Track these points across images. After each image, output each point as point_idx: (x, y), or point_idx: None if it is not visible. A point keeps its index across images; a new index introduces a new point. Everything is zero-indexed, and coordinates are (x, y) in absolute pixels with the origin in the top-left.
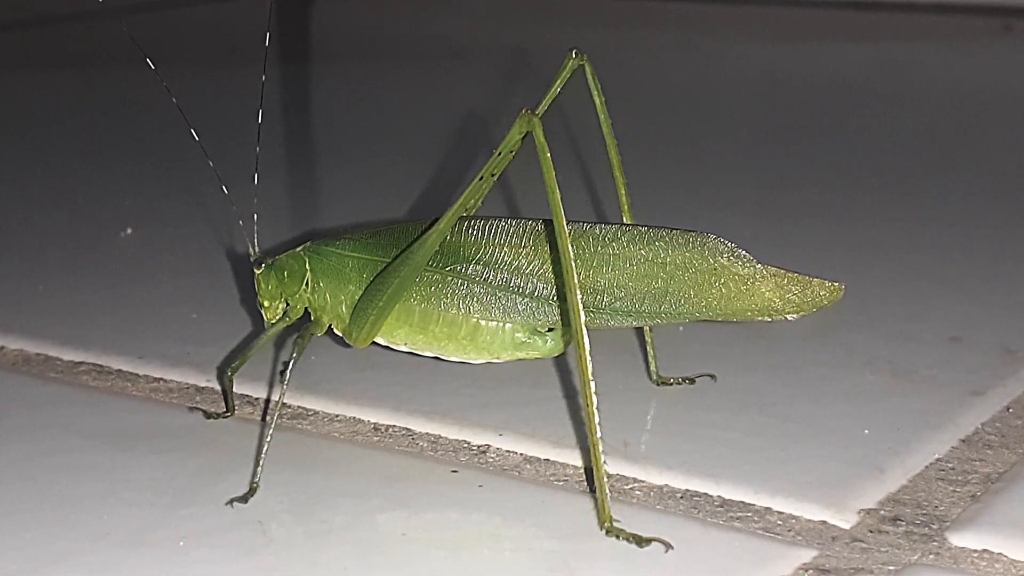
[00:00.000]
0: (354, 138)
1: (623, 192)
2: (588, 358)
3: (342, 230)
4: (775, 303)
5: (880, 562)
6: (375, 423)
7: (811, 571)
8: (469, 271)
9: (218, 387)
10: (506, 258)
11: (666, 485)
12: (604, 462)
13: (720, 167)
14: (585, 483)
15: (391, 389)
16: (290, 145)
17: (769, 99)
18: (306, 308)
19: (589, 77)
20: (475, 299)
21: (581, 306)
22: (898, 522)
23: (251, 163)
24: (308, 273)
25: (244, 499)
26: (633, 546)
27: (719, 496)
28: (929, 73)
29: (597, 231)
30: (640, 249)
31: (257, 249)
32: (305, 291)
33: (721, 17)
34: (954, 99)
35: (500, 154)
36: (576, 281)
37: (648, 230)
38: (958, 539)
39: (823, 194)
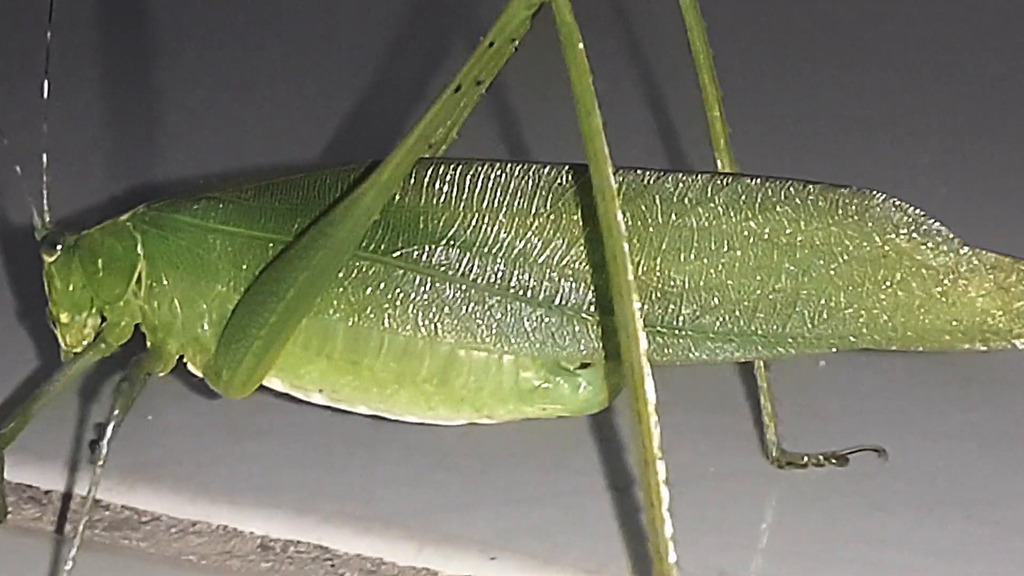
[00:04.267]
0: (232, 16)
1: (717, 114)
2: (653, 418)
3: (203, 183)
4: (995, 318)
5: None
6: (263, 537)
7: None
8: (436, 259)
9: None
10: (504, 235)
11: None
12: None
13: (889, 76)
14: None
15: (293, 475)
16: (114, 28)
17: None
18: (137, 326)
19: None
20: (448, 309)
21: (640, 323)
22: None
23: (38, 58)
24: (141, 261)
25: None
26: None
27: None
28: None
29: (669, 186)
30: (748, 219)
31: (48, 217)
32: (135, 294)
33: None
34: None
35: (492, 45)
36: (632, 278)
37: (763, 184)
38: None
39: None
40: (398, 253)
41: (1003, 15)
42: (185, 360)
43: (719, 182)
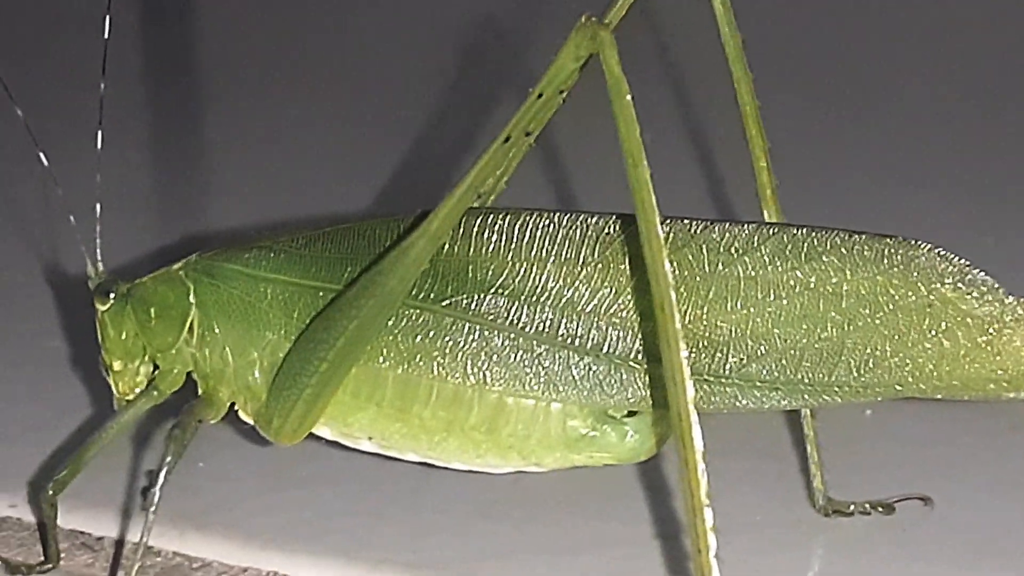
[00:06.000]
0: (281, 67)
1: (764, 164)
2: (701, 466)
3: (255, 233)
4: None
5: None
6: None
7: None
8: (484, 308)
9: (31, 518)
10: (552, 284)
11: None
12: None
13: (935, 128)
14: None
15: (342, 522)
16: (165, 80)
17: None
18: (189, 374)
19: None
20: (496, 358)
21: (688, 372)
22: None
23: (92, 112)
24: (193, 309)
25: None
26: None
27: None
28: None
29: (716, 235)
30: (794, 268)
31: (101, 266)
32: (187, 342)
33: None
34: None
35: (540, 96)
36: (678, 326)
37: (809, 233)
38: None
39: None
40: (447, 302)
41: None
42: (236, 407)
43: (765, 232)
